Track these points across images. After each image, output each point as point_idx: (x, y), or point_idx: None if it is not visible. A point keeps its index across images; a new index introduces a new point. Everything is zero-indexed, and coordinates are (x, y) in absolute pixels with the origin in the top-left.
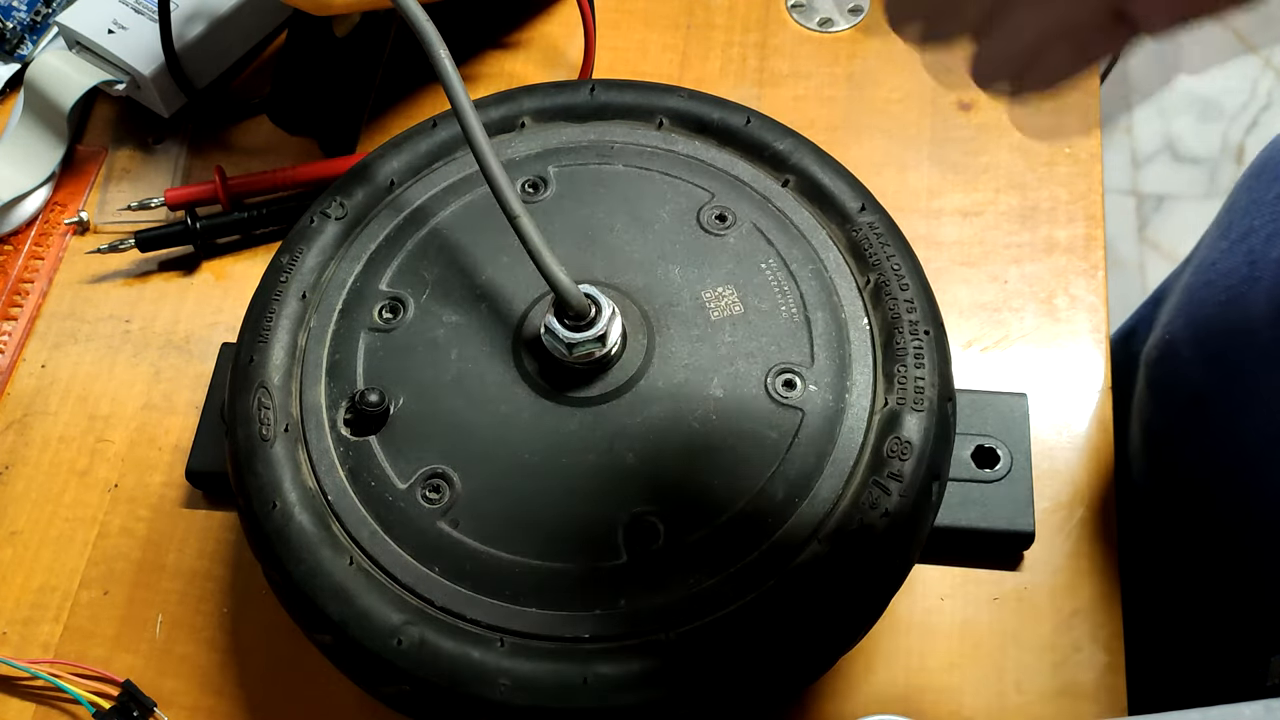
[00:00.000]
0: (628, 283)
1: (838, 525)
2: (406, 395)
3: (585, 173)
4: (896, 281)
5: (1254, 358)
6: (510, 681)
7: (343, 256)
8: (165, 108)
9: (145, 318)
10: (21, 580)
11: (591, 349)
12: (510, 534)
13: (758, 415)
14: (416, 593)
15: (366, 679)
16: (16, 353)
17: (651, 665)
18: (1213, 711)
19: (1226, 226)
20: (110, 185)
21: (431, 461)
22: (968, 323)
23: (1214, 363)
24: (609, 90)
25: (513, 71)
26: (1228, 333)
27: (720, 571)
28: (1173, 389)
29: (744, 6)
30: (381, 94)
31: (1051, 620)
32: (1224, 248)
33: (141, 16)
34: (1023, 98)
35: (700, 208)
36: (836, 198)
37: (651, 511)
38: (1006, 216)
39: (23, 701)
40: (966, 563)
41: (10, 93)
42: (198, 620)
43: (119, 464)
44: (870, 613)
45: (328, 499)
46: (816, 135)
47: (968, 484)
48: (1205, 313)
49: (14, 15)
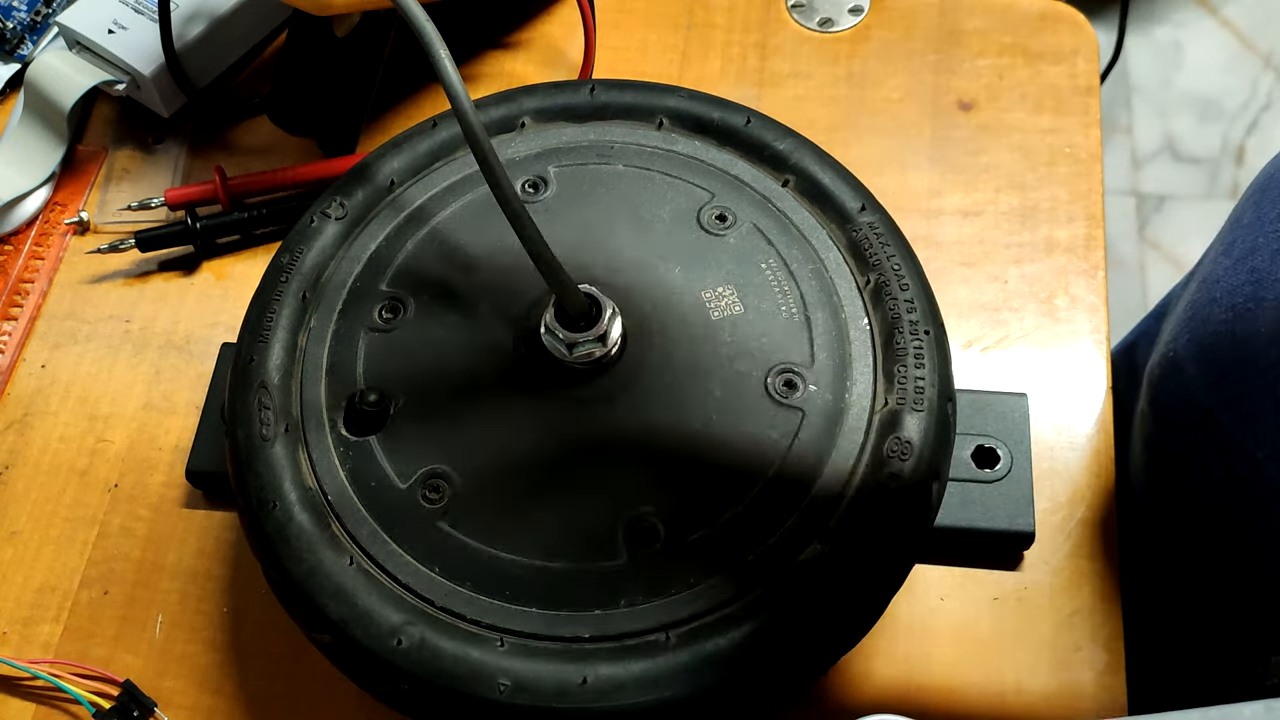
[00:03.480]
0: (628, 283)
1: (838, 526)
2: (406, 395)
3: (585, 173)
4: (896, 281)
5: (1259, 376)
6: (510, 681)
7: (343, 256)
8: (165, 108)
9: (145, 318)
10: (21, 580)
11: (591, 349)
12: (510, 534)
13: (758, 415)
14: (416, 593)
15: (366, 679)
16: (16, 353)
17: (651, 665)
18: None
19: (1230, 243)
20: (110, 185)
21: (431, 461)
22: (968, 323)
23: (1219, 381)
24: (609, 90)
25: (513, 71)
26: (1233, 351)
27: (720, 571)
28: (1177, 407)
29: (744, 6)
30: (381, 94)
31: (1051, 620)
32: (1228, 265)
33: (141, 16)
34: None
35: (700, 208)
36: (836, 198)
37: (651, 511)
38: (1006, 216)
39: (23, 701)
40: (966, 563)
41: (10, 93)
42: (198, 620)
43: (119, 464)
44: (871, 612)
45: (328, 499)
46: (816, 135)
47: (968, 484)
48: (1210, 330)
49: (14, 15)
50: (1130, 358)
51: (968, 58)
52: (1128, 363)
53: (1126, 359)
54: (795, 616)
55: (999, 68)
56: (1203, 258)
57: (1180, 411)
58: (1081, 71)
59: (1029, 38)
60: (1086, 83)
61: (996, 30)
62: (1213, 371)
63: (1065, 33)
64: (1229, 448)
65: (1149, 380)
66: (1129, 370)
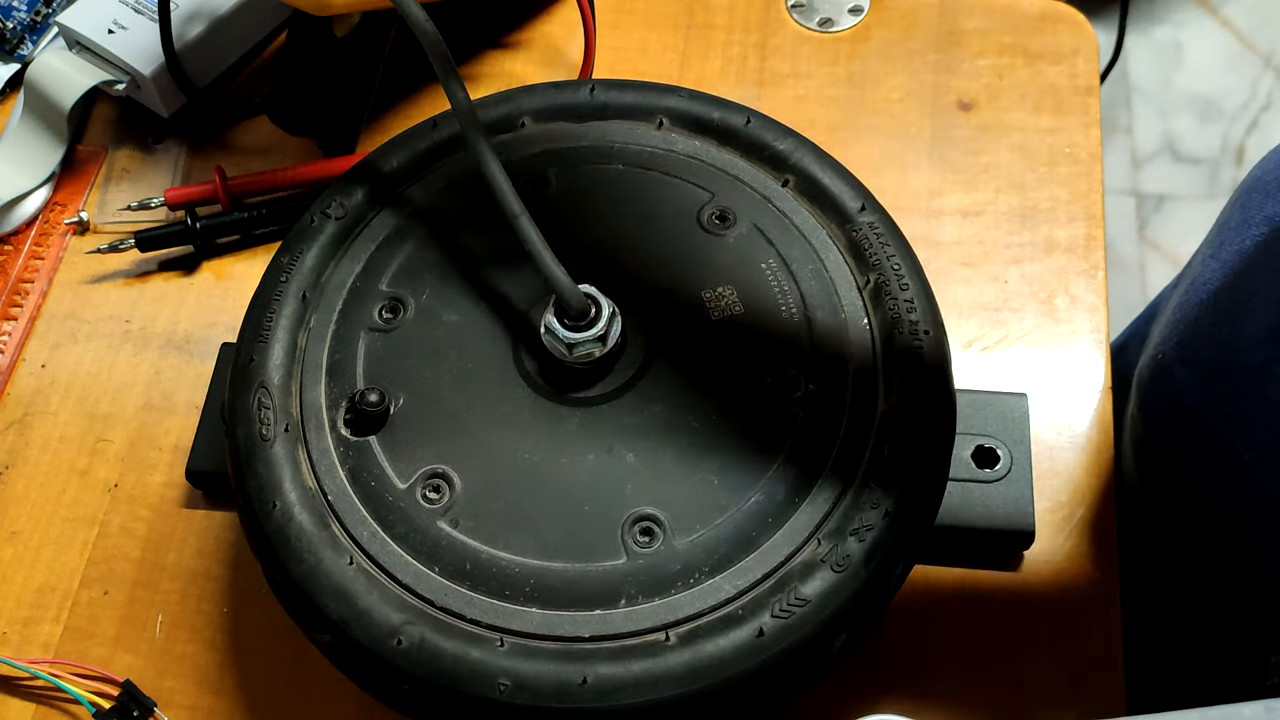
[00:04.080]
0: (628, 283)
1: (838, 525)
2: (406, 395)
3: (585, 173)
4: (896, 281)
5: (1246, 378)
6: (510, 681)
7: (343, 256)
8: (165, 108)
9: (145, 318)
10: (21, 580)
11: (591, 349)
12: (510, 534)
13: (758, 415)
14: (416, 593)
15: (366, 678)
16: (16, 353)
17: (651, 665)
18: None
19: (1218, 245)
20: (110, 185)
21: (431, 461)
22: (968, 323)
23: (1207, 382)
24: (609, 90)
25: (513, 71)
26: (1221, 353)
27: (720, 571)
28: (1165, 408)
29: (744, 6)
30: (381, 94)
31: (1051, 620)
32: (1215, 267)
33: (141, 16)
34: None
35: (700, 208)
36: (836, 198)
37: (651, 512)
38: (1006, 216)
39: (23, 701)
40: (966, 563)
41: (10, 93)
42: (198, 620)
43: (119, 464)
44: (870, 613)
45: (328, 499)
46: (816, 135)
47: (968, 484)
48: (1198, 333)
49: (14, 15)
50: (1122, 359)
51: (968, 58)
52: (1119, 364)
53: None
54: (795, 616)
55: (999, 68)
56: (1191, 260)
57: (1169, 412)
58: (1081, 71)
59: (1029, 38)
60: (1086, 83)
61: (996, 30)
62: (1201, 373)
63: (1065, 33)
64: (1217, 449)
65: (1138, 381)
66: (1120, 371)
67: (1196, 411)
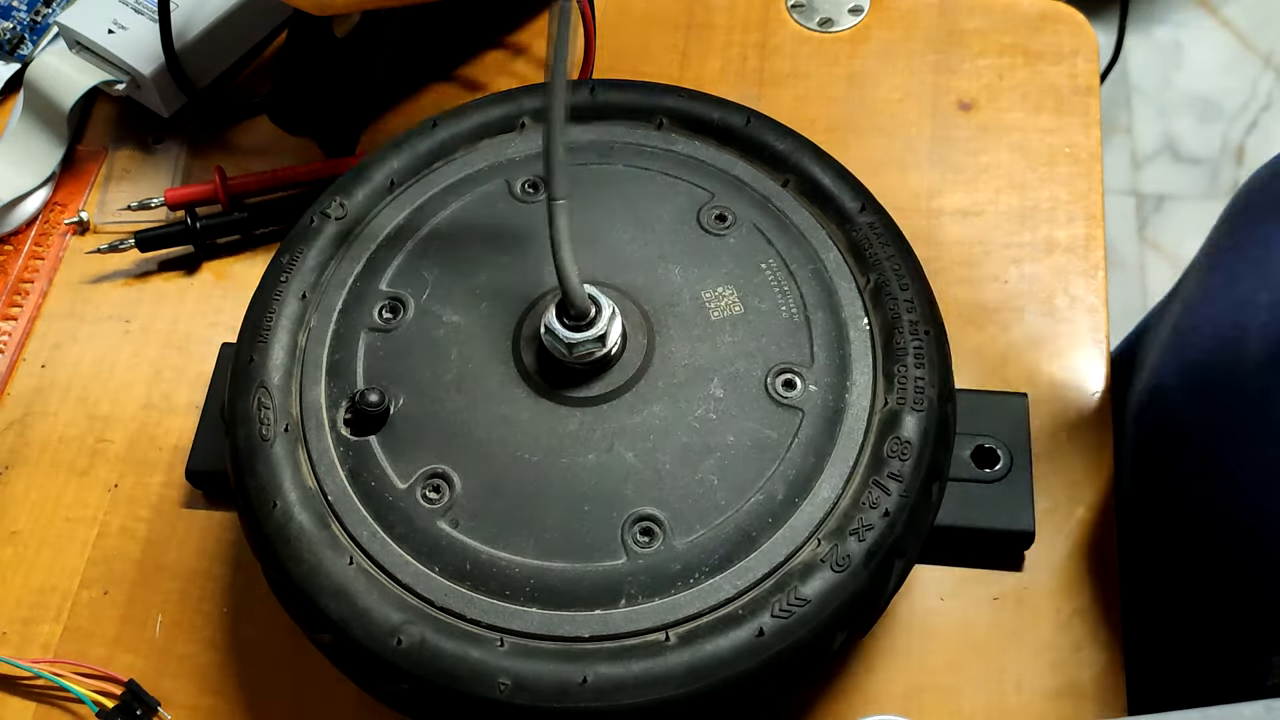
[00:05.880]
0: (628, 283)
1: (838, 525)
2: (406, 395)
3: (585, 173)
4: (896, 281)
5: (1245, 401)
6: (510, 681)
7: (343, 256)
8: (165, 108)
9: (145, 318)
10: (21, 580)
11: (591, 349)
12: (510, 534)
13: (758, 415)
14: (416, 593)
15: (366, 678)
16: (16, 353)
17: (651, 665)
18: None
19: (1211, 268)
20: (110, 185)
21: (431, 461)
22: (967, 323)
23: (1206, 406)
24: (609, 90)
25: (513, 71)
26: (1219, 377)
27: (720, 571)
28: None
29: (744, 6)
30: (381, 94)
31: (1051, 620)
32: (1210, 290)
33: (141, 16)
34: None
35: (700, 208)
36: (836, 198)
37: (651, 511)
38: (1006, 216)
39: (23, 701)
40: (966, 563)
41: (10, 93)
42: (198, 620)
43: (119, 464)
44: (870, 613)
45: (328, 499)
46: (816, 135)
47: (968, 484)
48: (1194, 357)
49: (14, 15)
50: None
51: (968, 58)
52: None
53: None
54: (795, 616)
55: (999, 68)
56: (1184, 278)
57: (1166, 434)
58: (1081, 71)
59: (1029, 38)
60: (1086, 83)
61: (996, 30)
62: (1200, 396)
63: (1065, 33)
64: (1214, 472)
65: (1135, 402)
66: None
67: (1195, 431)
